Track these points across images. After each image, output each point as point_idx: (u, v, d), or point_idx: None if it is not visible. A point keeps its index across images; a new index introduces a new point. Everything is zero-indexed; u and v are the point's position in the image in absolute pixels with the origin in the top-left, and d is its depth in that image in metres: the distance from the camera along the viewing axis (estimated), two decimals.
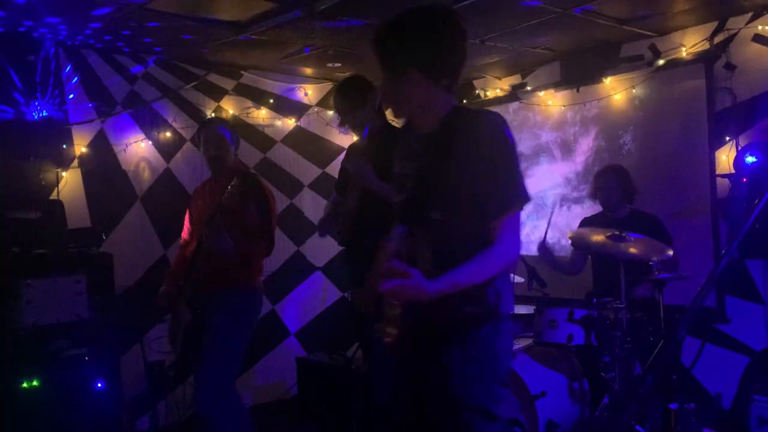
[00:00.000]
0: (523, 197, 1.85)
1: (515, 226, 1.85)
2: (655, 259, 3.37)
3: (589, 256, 4.16)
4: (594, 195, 4.17)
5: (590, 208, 4.47)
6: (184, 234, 3.61)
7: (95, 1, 3.42)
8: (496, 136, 1.81)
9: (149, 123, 4.57)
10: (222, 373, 3.21)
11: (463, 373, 1.84)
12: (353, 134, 3.29)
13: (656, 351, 1.21)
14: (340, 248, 3.54)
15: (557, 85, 5.03)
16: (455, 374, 1.84)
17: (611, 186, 4.03)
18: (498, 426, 1.86)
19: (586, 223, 4.24)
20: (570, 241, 3.94)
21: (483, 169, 1.79)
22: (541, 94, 5.11)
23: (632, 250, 3.41)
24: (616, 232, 3.48)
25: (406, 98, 1.91)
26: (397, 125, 3.15)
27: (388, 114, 3.01)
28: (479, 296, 1.85)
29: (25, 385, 3.36)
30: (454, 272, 1.76)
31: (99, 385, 3.58)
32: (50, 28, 3.84)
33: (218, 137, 3.39)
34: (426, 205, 1.87)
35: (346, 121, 3.19)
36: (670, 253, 3.43)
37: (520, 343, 3.87)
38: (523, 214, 5.62)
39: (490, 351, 1.87)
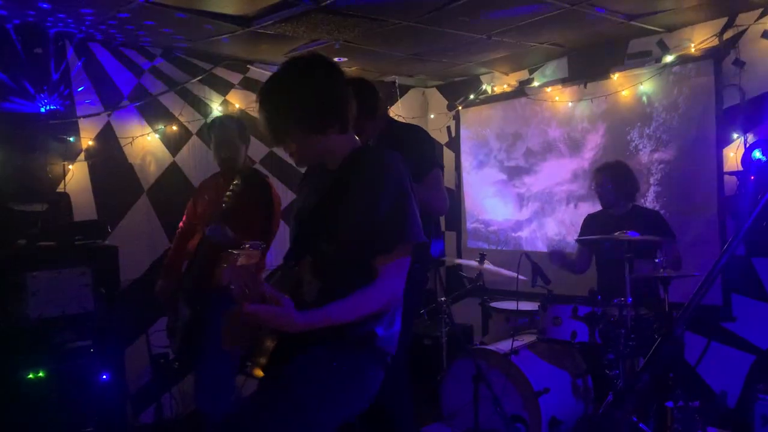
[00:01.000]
0: (408, 238, 1.82)
1: (401, 265, 1.82)
2: (659, 256, 3.36)
3: (593, 253, 4.15)
4: (594, 192, 4.19)
5: (597, 205, 4.46)
6: (182, 224, 3.60)
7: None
8: (387, 177, 1.82)
9: (156, 116, 4.58)
10: (223, 371, 3.18)
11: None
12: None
13: (653, 348, 1.20)
14: None
15: (564, 81, 5.01)
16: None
17: (604, 182, 4.05)
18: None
19: (588, 220, 4.24)
20: (575, 240, 3.94)
21: (370, 209, 1.79)
22: (549, 89, 5.09)
23: (635, 246, 3.39)
24: (620, 231, 3.48)
25: (302, 154, 1.93)
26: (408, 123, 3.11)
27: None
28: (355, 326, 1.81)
29: (30, 376, 3.38)
30: (329, 307, 1.74)
31: (104, 377, 3.60)
32: (68, 18, 3.85)
33: (231, 139, 3.36)
34: (318, 237, 1.87)
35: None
36: (675, 248, 3.42)
37: (524, 340, 3.86)
38: (529, 212, 5.64)
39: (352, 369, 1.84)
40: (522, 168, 5.35)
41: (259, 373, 1.78)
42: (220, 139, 3.38)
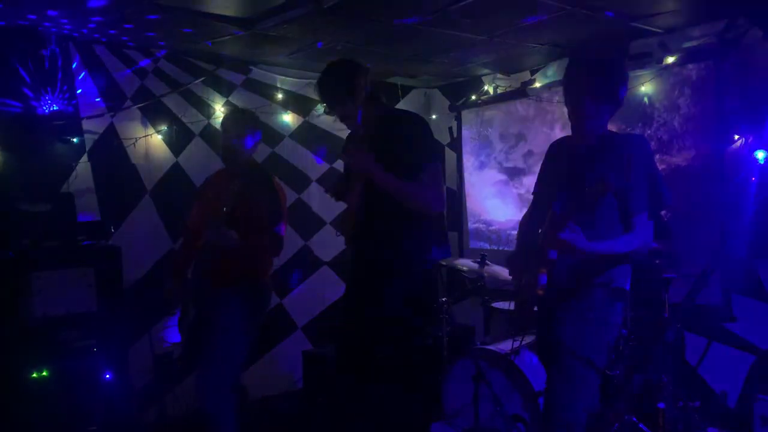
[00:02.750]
0: (663, 201, 2.47)
1: (651, 223, 2.42)
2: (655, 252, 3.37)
3: None
4: None
5: None
6: (190, 225, 3.55)
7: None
8: (643, 151, 2.49)
9: (159, 117, 4.61)
10: (225, 369, 3.20)
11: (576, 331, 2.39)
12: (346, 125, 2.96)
13: (644, 352, 1.22)
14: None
15: None
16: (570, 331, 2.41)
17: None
18: (594, 374, 2.39)
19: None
20: None
21: (630, 175, 2.36)
22: (550, 90, 5.10)
23: None
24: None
25: (601, 120, 2.57)
26: (399, 108, 3.06)
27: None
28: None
29: (34, 375, 3.41)
30: (608, 242, 2.35)
31: (107, 376, 3.63)
32: (59, 22, 3.87)
33: (241, 130, 3.31)
34: (577, 195, 2.27)
35: (334, 113, 2.87)
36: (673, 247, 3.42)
37: (525, 340, 3.87)
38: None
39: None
40: (521, 169, 5.36)
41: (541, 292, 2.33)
42: (227, 134, 3.34)
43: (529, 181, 5.30)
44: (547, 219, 2.37)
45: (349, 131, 2.98)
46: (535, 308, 2.49)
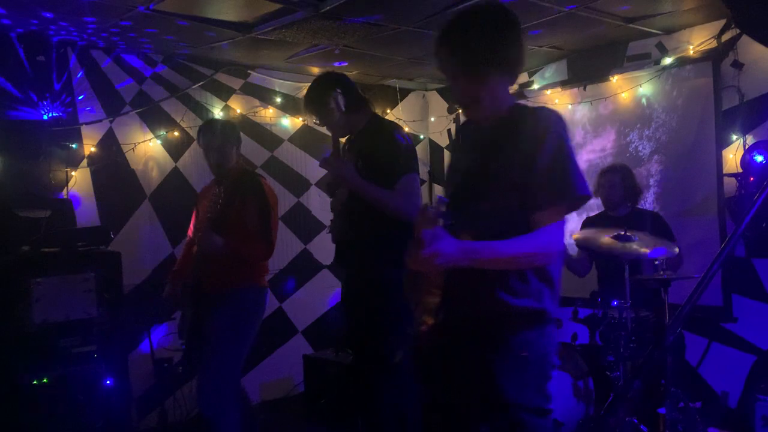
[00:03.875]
0: (573, 192, 1.81)
1: (561, 219, 1.83)
2: (660, 259, 3.37)
3: (594, 255, 4.15)
4: (596, 193, 4.15)
5: (596, 208, 4.46)
6: (190, 232, 3.63)
7: (107, 5, 3.45)
8: (549, 132, 1.83)
9: (157, 122, 4.61)
10: (223, 375, 3.21)
11: (514, 376, 1.82)
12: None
13: (645, 356, 1.21)
14: None
15: (564, 84, 5.03)
16: (505, 376, 1.81)
17: (615, 183, 4.02)
18: (549, 420, 1.87)
19: (588, 223, 4.24)
20: (574, 243, 3.93)
21: (534, 162, 1.79)
22: (548, 92, 5.11)
23: (636, 248, 3.40)
24: (621, 233, 3.48)
25: (483, 97, 1.89)
26: (386, 119, 3.13)
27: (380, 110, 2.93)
28: (522, 291, 1.83)
29: (34, 382, 3.40)
30: (487, 242, 1.75)
31: (108, 382, 3.62)
32: (58, 26, 3.88)
33: (217, 144, 3.35)
34: (473, 196, 1.87)
35: (323, 123, 3.01)
36: (676, 250, 3.43)
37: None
38: None
39: (539, 353, 1.85)
40: None
41: (425, 330, 1.79)
42: (206, 146, 3.38)
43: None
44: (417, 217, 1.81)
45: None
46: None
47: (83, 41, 4.15)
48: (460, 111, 2.03)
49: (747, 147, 4.00)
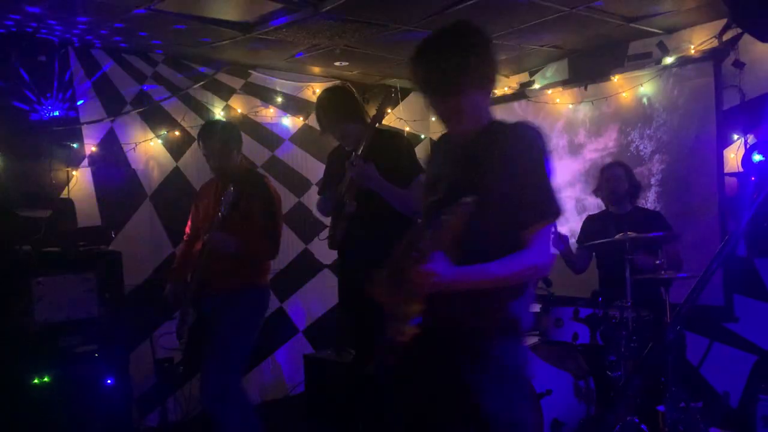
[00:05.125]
0: (555, 209, 1.88)
1: (546, 235, 1.89)
2: (659, 261, 3.37)
3: (594, 254, 4.15)
4: (599, 189, 4.15)
5: (596, 207, 4.47)
6: (188, 229, 3.63)
7: (107, 5, 3.45)
8: (530, 149, 1.87)
9: (158, 122, 4.61)
10: (226, 374, 3.22)
11: (488, 390, 1.87)
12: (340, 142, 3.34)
13: (644, 354, 1.22)
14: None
15: (565, 83, 5.02)
16: (480, 391, 1.87)
17: (620, 175, 4.01)
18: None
19: (589, 220, 4.24)
20: (575, 239, 3.94)
21: (516, 180, 1.83)
22: (549, 92, 5.11)
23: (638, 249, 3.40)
24: (626, 233, 3.48)
25: (461, 113, 1.94)
26: (388, 130, 3.24)
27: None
28: (500, 308, 1.89)
29: (35, 381, 3.40)
30: (481, 264, 1.80)
31: (109, 381, 3.63)
32: (61, 28, 3.88)
33: (218, 146, 3.35)
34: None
35: (330, 133, 3.24)
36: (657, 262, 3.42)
37: (525, 342, 3.86)
38: None
39: (513, 366, 1.92)
40: None
41: (404, 340, 1.78)
42: (206, 148, 3.39)
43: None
44: (404, 239, 1.91)
45: (334, 147, 3.44)
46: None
47: (84, 41, 4.15)
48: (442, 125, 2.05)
49: (748, 146, 3.99)
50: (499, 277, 1.83)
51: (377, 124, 3.07)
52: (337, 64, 4.94)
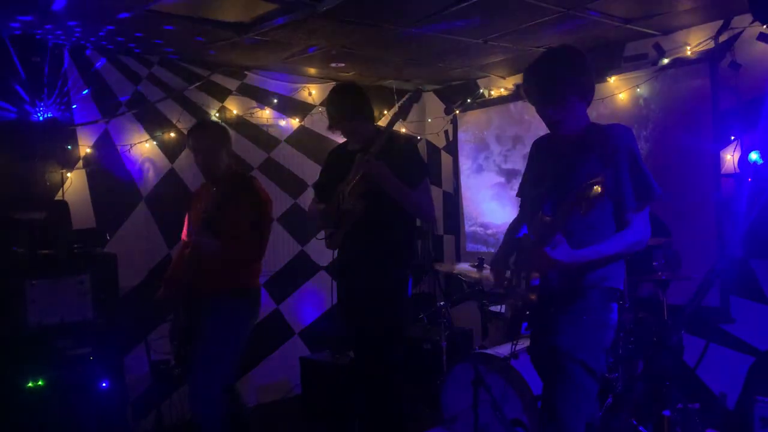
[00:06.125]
0: (655, 191, 2.26)
1: (646, 215, 2.30)
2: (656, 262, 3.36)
3: None
4: None
5: None
6: (184, 235, 3.62)
7: (103, 6, 3.43)
8: (627, 143, 2.27)
9: (153, 123, 4.59)
10: (216, 377, 3.19)
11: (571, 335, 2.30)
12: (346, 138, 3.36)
13: (648, 357, 1.20)
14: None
15: None
16: (565, 335, 2.30)
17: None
18: (592, 379, 2.30)
19: None
20: None
21: (618, 170, 2.23)
22: None
23: None
24: None
25: (565, 118, 2.36)
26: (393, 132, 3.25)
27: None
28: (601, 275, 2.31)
29: (30, 384, 3.38)
30: (593, 247, 2.22)
31: (103, 384, 3.60)
32: (57, 30, 3.86)
33: (204, 146, 3.33)
34: (566, 196, 2.17)
35: (339, 128, 3.24)
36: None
37: (523, 344, 3.86)
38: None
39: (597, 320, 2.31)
40: (519, 171, 5.36)
41: (534, 298, 2.30)
42: (193, 149, 3.37)
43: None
44: (535, 223, 2.29)
45: (333, 147, 3.51)
46: (527, 312, 2.42)
47: (79, 42, 4.12)
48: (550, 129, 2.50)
49: (744, 147, 3.99)
50: (608, 256, 2.24)
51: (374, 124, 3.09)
52: (333, 65, 4.93)
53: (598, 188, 2.02)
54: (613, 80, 4.67)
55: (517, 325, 2.44)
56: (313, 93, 5.42)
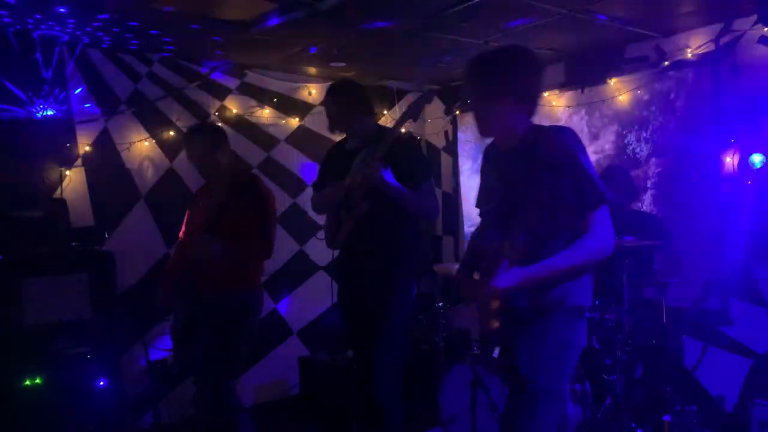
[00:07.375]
0: (602, 196, 2.08)
1: (605, 218, 2.10)
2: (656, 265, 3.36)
3: None
4: None
5: None
6: (182, 234, 3.59)
7: (101, 2, 3.42)
8: (566, 149, 2.06)
9: (153, 122, 4.57)
10: (221, 376, 3.18)
11: (531, 358, 2.15)
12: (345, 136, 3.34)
13: (648, 362, 1.20)
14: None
15: (562, 86, 5.02)
16: (525, 357, 2.16)
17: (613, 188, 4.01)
18: (558, 405, 2.18)
19: None
20: None
21: (562, 177, 2.04)
22: (546, 94, 5.09)
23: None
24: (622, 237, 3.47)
25: (499, 121, 2.21)
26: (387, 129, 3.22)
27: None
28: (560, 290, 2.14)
29: (27, 383, 3.38)
30: (546, 261, 2.05)
31: (101, 383, 3.60)
32: (56, 26, 3.85)
33: (198, 151, 3.29)
34: (517, 206, 2.08)
35: (339, 127, 3.22)
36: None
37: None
38: None
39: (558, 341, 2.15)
40: None
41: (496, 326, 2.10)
42: (189, 155, 3.34)
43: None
44: (483, 252, 2.19)
45: (331, 145, 3.49)
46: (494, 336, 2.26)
47: (78, 40, 4.11)
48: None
49: (744, 150, 3.99)
50: (568, 267, 2.06)
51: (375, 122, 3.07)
52: (333, 64, 4.92)
53: (543, 201, 1.95)
54: (613, 82, 4.66)
55: (488, 353, 2.38)
56: (312, 92, 5.41)
